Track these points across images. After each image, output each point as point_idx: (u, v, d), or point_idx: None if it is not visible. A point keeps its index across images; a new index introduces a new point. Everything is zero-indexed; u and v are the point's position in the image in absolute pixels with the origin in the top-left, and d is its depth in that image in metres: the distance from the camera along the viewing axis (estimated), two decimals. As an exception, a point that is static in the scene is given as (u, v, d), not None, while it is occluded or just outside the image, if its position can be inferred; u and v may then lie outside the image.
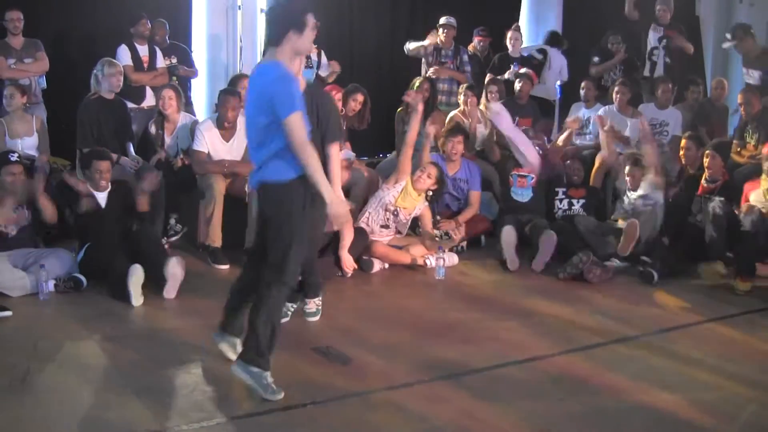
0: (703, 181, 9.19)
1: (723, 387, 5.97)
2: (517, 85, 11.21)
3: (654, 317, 7.51)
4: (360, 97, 9.70)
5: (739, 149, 10.07)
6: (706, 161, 9.14)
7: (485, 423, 5.11)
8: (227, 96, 8.83)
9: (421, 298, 7.98)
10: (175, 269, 7.49)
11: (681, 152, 9.82)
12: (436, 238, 8.91)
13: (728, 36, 11.00)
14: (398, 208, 8.72)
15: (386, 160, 11.18)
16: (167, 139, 9.33)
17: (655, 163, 9.26)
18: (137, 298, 7.29)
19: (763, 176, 8.69)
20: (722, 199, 8.56)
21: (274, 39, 5.32)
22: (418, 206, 8.81)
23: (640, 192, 9.24)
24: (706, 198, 9.03)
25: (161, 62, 10.54)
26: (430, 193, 8.80)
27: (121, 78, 9.44)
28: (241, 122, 8.52)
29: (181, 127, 9.35)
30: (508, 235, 8.89)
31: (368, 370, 6.01)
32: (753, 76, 10.89)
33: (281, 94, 5.15)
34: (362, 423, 5.21)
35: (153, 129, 9.39)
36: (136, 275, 7.30)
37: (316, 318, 7.07)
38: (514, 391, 5.72)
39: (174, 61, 10.90)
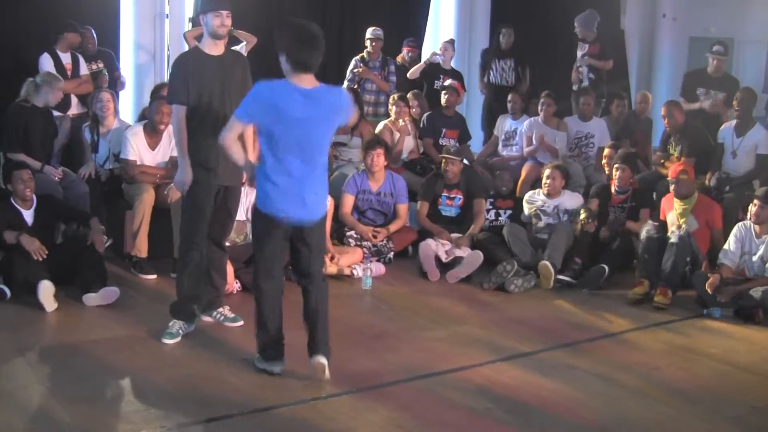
0: (612, 191, 9.37)
1: (648, 394, 6.07)
2: (444, 98, 11.25)
3: (578, 327, 7.61)
4: None
5: (662, 161, 10.24)
6: (615, 174, 9.34)
7: (411, 430, 5.13)
8: (160, 102, 8.65)
9: (347, 308, 7.96)
10: (110, 294, 7.47)
11: (603, 161, 9.98)
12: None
13: (721, 49, 11.07)
14: None
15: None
16: (101, 143, 9.22)
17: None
18: (50, 306, 7.26)
19: (675, 201, 8.91)
20: (656, 223, 8.68)
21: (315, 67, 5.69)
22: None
23: (558, 202, 9.39)
24: (620, 208, 9.31)
25: (84, 69, 10.39)
26: None
27: (61, 95, 9.32)
28: (170, 130, 8.42)
29: (115, 130, 9.24)
30: (424, 249, 8.99)
31: (295, 381, 6.00)
32: (713, 97, 11.00)
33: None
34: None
35: (87, 134, 9.27)
36: (45, 288, 7.26)
37: (240, 323, 7.06)
38: (441, 401, 5.75)
39: (100, 65, 10.77)
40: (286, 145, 5.60)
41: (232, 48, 7.86)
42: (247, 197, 8.24)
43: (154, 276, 8.34)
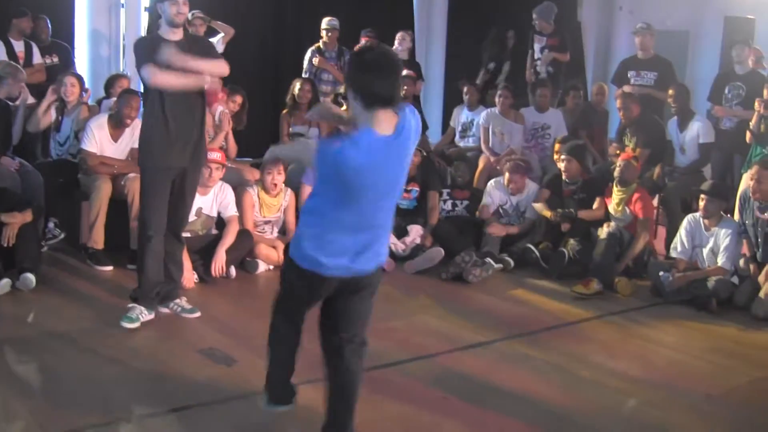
0: (563, 183, 9.46)
1: (604, 383, 6.14)
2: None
3: (535, 316, 7.68)
4: (238, 99, 9.60)
5: (618, 152, 10.31)
6: (561, 165, 9.42)
7: (371, 423, 5.13)
8: (130, 95, 8.65)
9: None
10: (28, 281, 7.42)
11: (555, 156, 10.05)
12: None
13: (643, 25, 11.15)
14: (268, 220, 8.81)
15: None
16: (64, 121, 9.12)
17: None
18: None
19: (614, 187, 9.00)
20: (613, 224, 8.77)
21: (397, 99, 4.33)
22: (282, 204, 8.88)
23: (519, 199, 9.50)
24: (571, 199, 9.40)
25: (38, 58, 10.29)
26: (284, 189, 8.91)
27: (22, 87, 9.22)
28: (137, 123, 8.30)
29: (78, 111, 9.14)
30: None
31: (254, 372, 5.96)
32: (646, 78, 11.08)
33: None
34: (248, 424, 5.20)
35: (53, 113, 9.14)
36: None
37: (197, 314, 7.04)
38: (398, 391, 5.76)
39: (55, 60, 10.67)
40: (359, 197, 4.29)
41: (210, 39, 7.83)
42: (223, 193, 8.24)
43: (111, 268, 8.28)
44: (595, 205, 9.22)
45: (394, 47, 11.78)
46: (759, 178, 8.03)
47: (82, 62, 11.56)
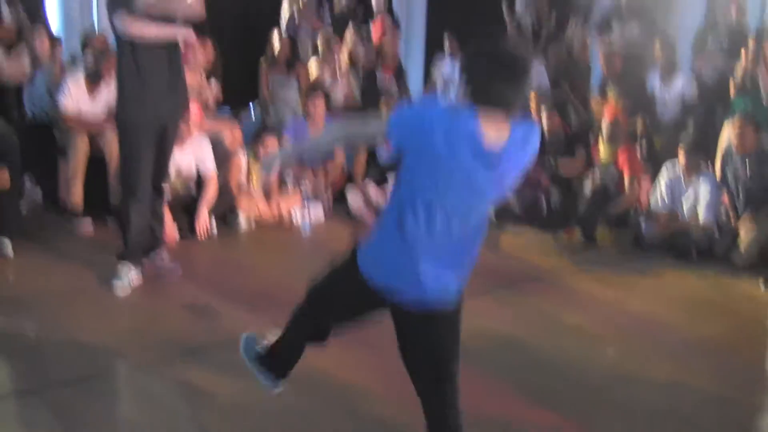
0: (544, 137, 9.47)
1: (585, 332, 6.21)
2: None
3: (517, 266, 7.79)
4: (208, 44, 9.49)
5: (600, 105, 10.31)
6: (544, 122, 9.43)
7: (347, 367, 5.15)
8: (107, 51, 8.52)
9: (287, 253, 8.02)
10: (3, 246, 7.38)
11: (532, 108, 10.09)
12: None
13: None
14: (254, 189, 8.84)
15: (251, 122, 11.06)
16: (38, 75, 9.06)
17: None
18: None
19: (601, 143, 9.03)
20: (599, 176, 8.80)
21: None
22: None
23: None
24: (552, 154, 9.40)
25: (6, 14, 10.14)
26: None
27: None
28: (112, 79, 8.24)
29: (53, 70, 9.08)
30: (352, 197, 9.04)
31: (237, 325, 5.96)
32: (628, 29, 11.07)
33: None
34: (230, 377, 5.19)
35: (26, 64, 9.04)
36: None
37: (178, 270, 7.04)
38: (378, 340, 5.75)
39: (21, 11, 10.49)
40: (440, 206, 3.47)
41: None
42: (201, 149, 8.20)
43: (91, 225, 8.26)
44: (578, 154, 9.24)
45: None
46: (741, 132, 8.05)
47: (53, 19, 11.42)
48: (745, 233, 7.90)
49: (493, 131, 3.36)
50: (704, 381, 5.40)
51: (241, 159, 8.67)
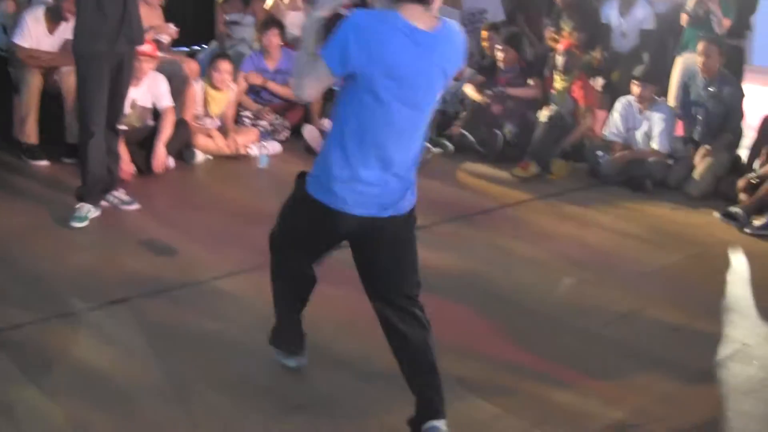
0: (499, 71, 9.47)
1: (542, 263, 6.28)
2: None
3: (474, 199, 7.85)
4: None
5: (555, 36, 10.31)
6: (500, 55, 9.43)
7: (315, 307, 5.19)
8: None
9: (244, 187, 8.01)
10: None
11: (484, 43, 10.06)
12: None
13: None
14: (212, 116, 8.76)
15: (207, 51, 10.99)
16: None
17: None
18: None
19: (555, 75, 9.08)
20: (553, 107, 8.82)
21: None
22: (229, 99, 8.87)
23: (458, 84, 9.55)
24: (508, 85, 9.40)
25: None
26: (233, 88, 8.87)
27: None
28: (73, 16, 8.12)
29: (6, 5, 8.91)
30: (308, 131, 9.05)
31: (195, 261, 6.01)
32: None
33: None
34: (189, 313, 5.21)
35: None
36: None
37: (136, 206, 7.03)
38: (341, 276, 5.79)
39: None
40: (376, 106, 3.59)
41: None
42: (156, 84, 8.13)
43: (46, 162, 8.19)
44: (532, 83, 9.29)
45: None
46: (707, 53, 8.12)
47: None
48: (701, 163, 7.99)
49: (421, 23, 3.55)
50: (659, 310, 5.49)
51: (196, 89, 8.62)
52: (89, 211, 6.68)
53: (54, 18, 8.31)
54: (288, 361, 4.56)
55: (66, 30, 8.06)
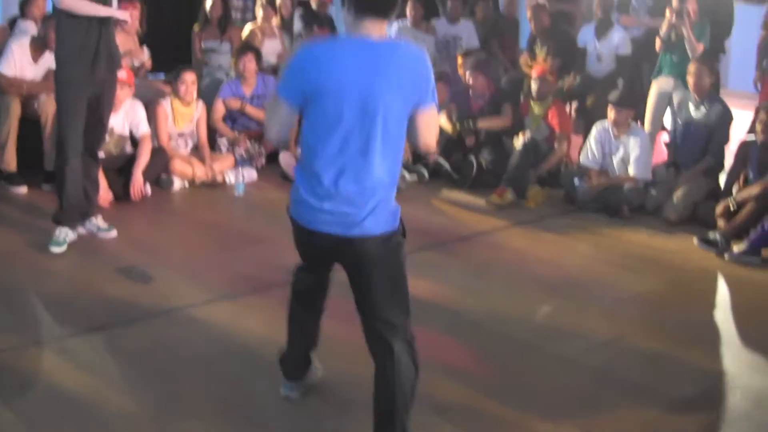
0: (471, 97, 9.48)
1: (519, 290, 6.27)
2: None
3: (450, 226, 7.83)
4: (137, 6, 9.41)
5: (529, 62, 10.37)
6: (469, 81, 9.47)
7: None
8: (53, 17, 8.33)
9: (221, 214, 8.01)
10: None
11: (459, 69, 10.09)
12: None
13: None
14: (182, 132, 8.77)
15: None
16: None
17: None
18: None
19: (530, 102, 9.12)
20: (528, 134, 8.84)
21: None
22: (195, 114, 8.87)
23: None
24: (483, 113, 9.40)
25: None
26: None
27: None
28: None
29: None
30: (284, 158, 9.07)
31: (171, 288, 6.01)
32: None
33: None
34: (167, 341, 5.19)
35: None
36: None
37: (113, 233, 7.02)
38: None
39: None
40: (331, 123, 3.70)
41: None
42: (134, 111, 8.14)
43: (25, 188, 8.18)
44: (505, 111, 9.31)
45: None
46: (698, 73, 8.19)
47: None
48: (680, 187, 8.02)
49: (376, 34, 3.73)
50: (638, 337, 5.49)
51: (164, 105, 8.62)
52: (67, 235, 6.67)
53: (39, 47, 8.40)
54: (283, 387, 4.51)
55: (50, 59, 8.08)
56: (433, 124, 3.87)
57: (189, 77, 8.69)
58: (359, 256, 3.83)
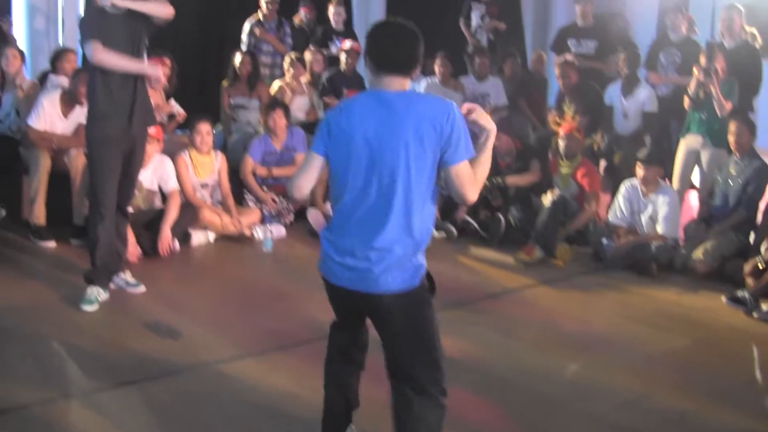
0: (498, 156, 9.47)
1: (547, 348, 6.23)
2: (345, 61, 11.20)
3: (478, 284, 7.79)
4: (167, 62, 9.54)
5: (557, 120, 10.39)
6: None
7: (317, 390, 5.18)
8: (85, 73, 8.31)
9: (249, 270, 8.02)
10: None
11: None
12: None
13: None
14: (204, 182, 8.79)
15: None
16: (4, 97, 9.01)
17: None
18: None
19: (559, 160, 9.14)
20: (557, 191, 8.83)
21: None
22: (216, 164, 8.90)
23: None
24: (508, 169, 9.42)
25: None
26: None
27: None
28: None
29: (27, 89, 9.02)
30: (312, 214, 9.09)
31: (199, 344, 6.01)
32: (586, 46, 11.16)
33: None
34: (195, 397, 5.19)
35: None
36: None
37: (141, 289, 7.04)
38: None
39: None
40: (347, 176, 3.83)
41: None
42: (163, 167, 8.20)
43: (54, 243, 8.21)
44: (532, 167, 9.31)
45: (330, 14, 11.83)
46: (738, 131, 8.22)
47: (20, 36, 11.36)
48: (710, 240, 8.04)
49: (396, 89, 3.85)
50: (667, 396, 5.45)
51: (184, 156, 8.66)
52: (99, 294, 6.69)
53: (69, 101, 8.47)
54: None
55: (80, 114, 8.23)
56: (468, 178, 3.84)
57: (204, 127, 8.74)
58: (379, 312, 3.89)
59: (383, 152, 3.73)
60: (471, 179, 3.87)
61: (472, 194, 3.90)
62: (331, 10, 12.04)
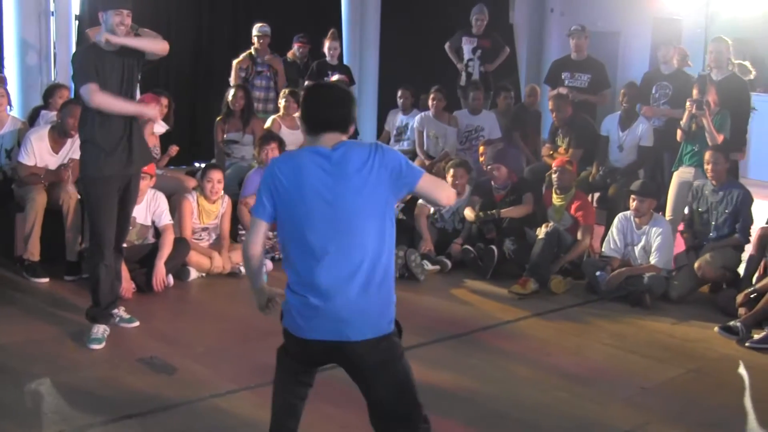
0: (493, 188, 9.49)
1: (541, 380, 6.25)
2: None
3: (473, 316, 7.78)
4: (164, 101, 9.58)
5: (551, 152, 10.44)
6: (491, 173, 9.46)
7: (311, 426, 5.17)
8: (73, 106, 8.20)
9: (241, 305, 7.95)
10: None
11: (481, 159, 10.13)
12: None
13: (578, 27, 11.31)
14: (206, 227, 8.82)
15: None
16: None
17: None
18: None
19: (553, 193, 9.17)
20: (552, 224, 8.85)
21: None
22: (220, 211, 8.89)
23: (460, 203, 9.49)
24: (503, 202, 9.34)
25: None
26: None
27: None
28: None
29: (10, 127, 9.02)
30: None
31: (194, 378, 6.00)
32: (579, 79, 11.21)
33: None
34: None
35: None
36: None
37: (135, 324, 7.04)
38: (341, 393, 5.78)
39: None
40: (308, 234, 3.97)
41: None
42: (156, 202, 8.20)
43: (47, 279, 8.18)
44: (525, 201, 9.32)
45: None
46: (714, 160, 8.29)
47: (11, 72, 11.36)
48: (709, 252, 8.18)
49: (333, 143, 4.05)
50: (662, 425, 5.47)
51: (191, 200, 8.66)
52: (105, 332, 6.70)
53: (59, 136, 8.45)
54: None
55: (71, 147, 8.22)
56: (433, 184, 4.20)
57: (216, 176, 8.72)
58: (356, 360, 4.01)
59: (334, 203, 3.93)
60: (437, 184, 4.24)
61: (446, 197, 4.23)
62: (327, 44, 12.08)
